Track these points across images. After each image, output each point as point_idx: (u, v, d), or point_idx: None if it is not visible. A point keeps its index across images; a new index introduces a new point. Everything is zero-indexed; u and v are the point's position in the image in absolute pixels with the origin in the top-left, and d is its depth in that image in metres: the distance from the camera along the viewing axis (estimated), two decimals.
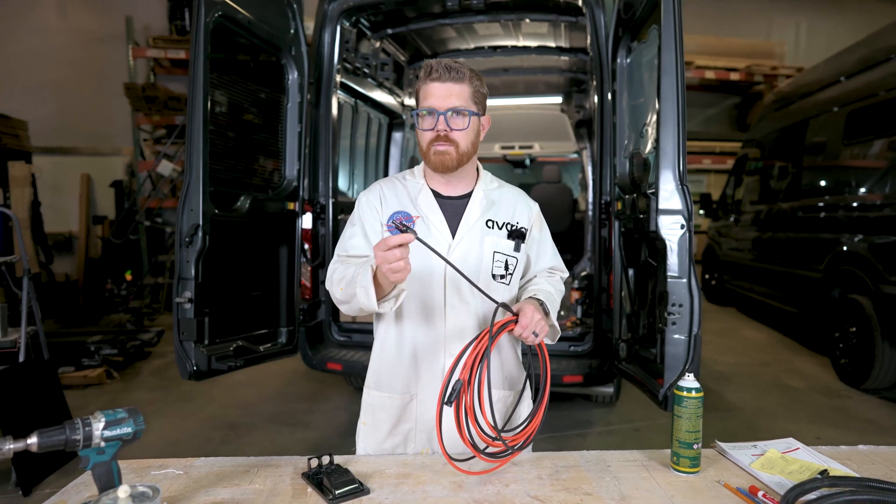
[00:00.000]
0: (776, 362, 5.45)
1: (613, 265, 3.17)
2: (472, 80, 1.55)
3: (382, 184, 1.71)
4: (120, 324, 6.68)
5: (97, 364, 4.92)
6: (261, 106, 3.41)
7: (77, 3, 8.82)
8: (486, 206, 1.64)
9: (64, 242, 8.42)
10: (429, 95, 1.53)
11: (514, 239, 1.65)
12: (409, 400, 1.63)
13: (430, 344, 1.60)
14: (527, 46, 5.19)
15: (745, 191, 7.33)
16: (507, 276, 1.63)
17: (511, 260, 1.64)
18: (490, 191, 1.68)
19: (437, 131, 1.52)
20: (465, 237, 1.61)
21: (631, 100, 3.09)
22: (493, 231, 1.63)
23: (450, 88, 1.52)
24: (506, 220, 1.66)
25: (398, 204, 1.64)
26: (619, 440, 3.68)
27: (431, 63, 1.54)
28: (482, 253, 1.61)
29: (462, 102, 1.53)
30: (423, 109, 1.54)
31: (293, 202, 3.48)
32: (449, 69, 1.52)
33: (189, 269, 2.73)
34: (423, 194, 1.64)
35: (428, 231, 1.60)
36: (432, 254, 1.50)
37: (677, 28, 2.39)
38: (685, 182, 2.41)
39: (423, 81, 1.54)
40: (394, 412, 1.64)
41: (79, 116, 8.54)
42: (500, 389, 1.65)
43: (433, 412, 1.56)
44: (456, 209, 1.64)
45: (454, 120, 1.53)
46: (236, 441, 3.73)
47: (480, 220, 1.63)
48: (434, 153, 1.54)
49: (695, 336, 2.41)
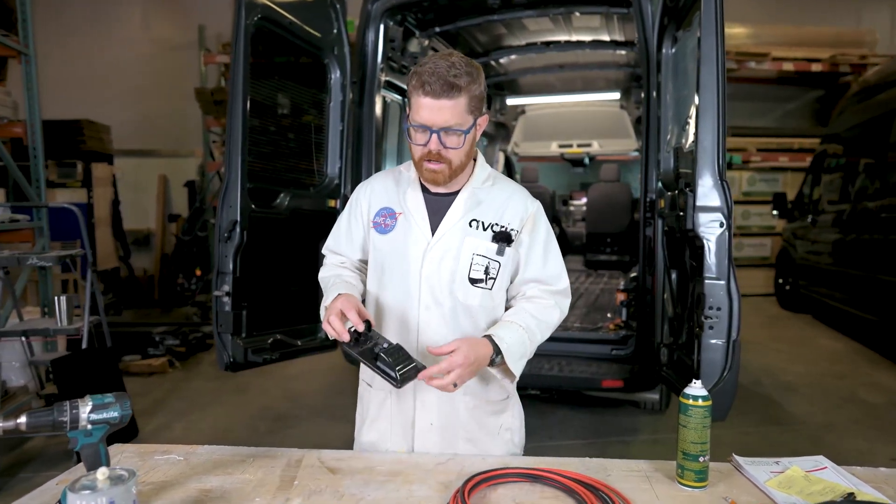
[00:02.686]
0: (853, 374, 5.04)
1: (657, 266, 3.03)
2: (469, 87, 1.42)
3: (377, 178, 1.70)
4: (187, 316, 7.04)
5: (161, 353, 5.21)
6: (303, 105, 3.49)
7: (158, 15, 9.38)
8: (472, 205, 1.56)
9: (143, 239, 8.97)
10: (422, 109, 1.42)
11: (498, 241, 1.53)
12: (384, 398, 1.60)
13: (404, 342, 1.53)
14: (580, 41, 5.04)
15: (824, 189, 6.83)
16: (486, 280, 1.53)
17: (493, 264, 1.53)
18: (480, 188, 1.58)
19: (430, 150, 1.45)
20: (445, 237, 1.54)
21: (675, 91, 2.94)
22: (476, 232, 1.54)
23: (443, 105, 1.40)
24: (492, 221, 1.55)
25: (386, 199, 1.61)
26: (664, 450, 3.48)
27: (424, 75, 1.40)
28: (460, 254, 1.52)
29: (457, 120, 1.42)
30: (414, 125, 1.45)
31: (334, 200, 3.54)
32: (444, 86, 1.39)
33: (227, 264, 2.83)
34: (411, 189, 1.60)
35: (409, 228, 1.56)
36: (410, 252, 1.53)
37: (718, 12, 2.25)
38: (724, 177, 2.26)
39: (416, 92, 1.42)
40: (372, 407, 1.63)
41: (157, 120, 9.08)
42: (472, 397, 1.57)
43: (408, 414, 1.57)
44: (442, 206, 1.57)
45: (448, 138, 1.44)
46: (281, 432, 3.83)
47: (463, 219, 1.54)
48: (426, 170, 1.49)
49: (733, 342, 2.26)
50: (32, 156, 4.24)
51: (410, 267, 1.55)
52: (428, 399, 1.56)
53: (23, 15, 4.16)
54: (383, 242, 1.59)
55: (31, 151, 4.24)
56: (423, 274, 1.54)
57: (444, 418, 1.56)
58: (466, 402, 1.58)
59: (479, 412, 1.59)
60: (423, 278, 1.54)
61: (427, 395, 1.55)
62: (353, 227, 1.67)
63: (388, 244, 1.58)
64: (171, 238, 8.74)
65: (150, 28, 9.37)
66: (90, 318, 3.58)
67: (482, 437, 1.58)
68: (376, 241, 1.60)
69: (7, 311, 3.63)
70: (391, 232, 1.58)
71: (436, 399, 1.55)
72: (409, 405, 1.57)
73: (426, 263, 1.54)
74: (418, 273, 1.54)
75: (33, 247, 4.19)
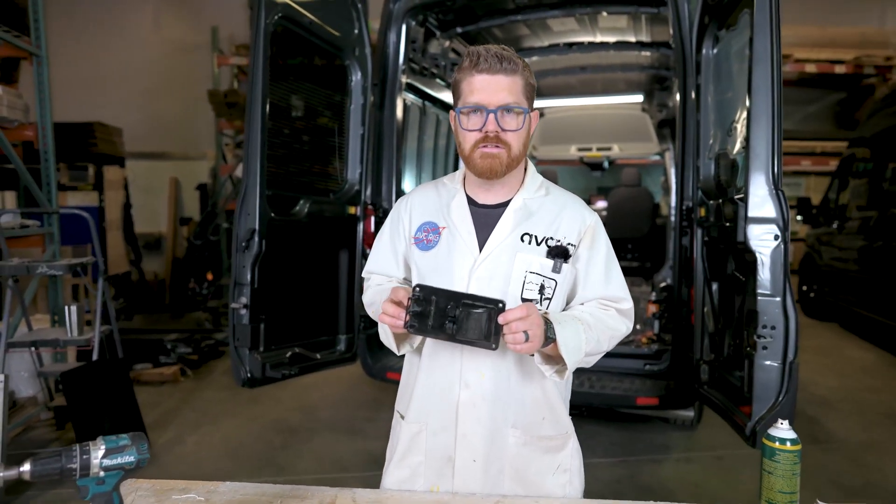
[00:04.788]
0: (888, 388, 4.85)
1: (696, 278, 2.87)
2: (524, 71, 1.35)
3: (417, 191, 1.56)
4: (199, 322, 6.93)
5: (173, 362, 5.09)
6: (323, 108, 3.36)
7: (169, 16, 9.31)
8: (523, 217, 1.41)
9: (154, 243, 8.89)
10: (476, 90, 1.32)
11: (554, 257, 1.38)
12: (419, 430, 1.45)
13: (445, 372, 1.41)
14: (605, 42, 4.89)
15: (852, 195, 6.62)
16: (541, 301, 1.38)
17: (548, 282, 1.38)
18: (532, 198, 1.44)
19: (487, 132, 1.32)
20: (494, 253, 1.39)
21: (717, 94, 2.78)
22: (530, 247, 1.39)
23: (500, 82, 1.31)
24: (546, 234, 1.40)
25: (427, 213, 1.47)
26: (699, 470, 3.35)
27: (479, 50, 1.33)
28: (511, 272, 1.37)
29: (515, 98, 1.33)
30: (467, 106, 1.34)
31: (354, 206, 3.41)
32: (500, 59, 1.31)
33: (245, 275, 2.70)
34: (455, 201, 1.45)
35: (454, 243, 1.41)
36: (455, 270, 1.39)
37: (773, 9, 2.09)
38: (780, 186, 2.10)
39: (468, 72, 1.34)
40: (403, 441, 1.47)
41: (168, 123, 9.00)
42: (522, 431, 1.41)
43: (445, 445, 1.41)
44: (490, 219, 1.42)
45: (506, 119, 1.32)
46: (296, 447, 3.70)
47: (514, 232, 1.40)
48: (481, 156, 1.34)
49: (790, 364, 2.10)
50: (43, 159, 4.14)
51: (455, 286, 1.39)
52: (470, 432, 1.40)
53: (35, 16, 4.05)
54: (425, 260, 1.45)
55: (42, 154, 4.14)
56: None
57: (488, 453, 1.40)
58: (516, 437, 1.41)
59: (529, 449, 1.42)
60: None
61: (469, 428, 1.40)
62: (396, 245, 1.53)
63: (431, 262, 1.44)
64: (182, 242, 8.64)
65: (162, 29, 9.30)
66: (101, 328, 3.46)
67: (533, 478, 1.42)
68: (417, 258, 1.46)
69: (17, 320, 3.51)
70: (434, 248, 1.44)
71: (480, 431, 1.40)
72: (448, 438, 1.41)
73: (473, 282, 1.38)
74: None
75: (43, 253, 4.08)
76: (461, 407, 1.39)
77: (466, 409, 1.39)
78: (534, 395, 1.43)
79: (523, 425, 1.41)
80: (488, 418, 1.39)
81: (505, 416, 1.40)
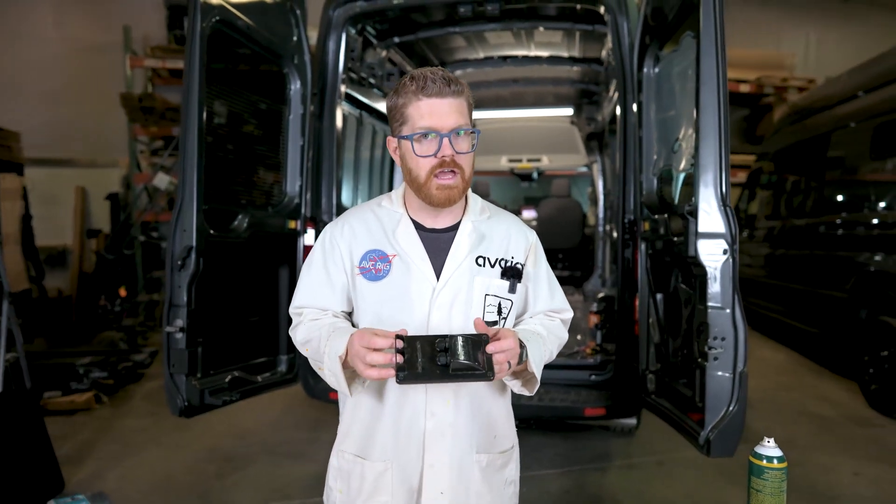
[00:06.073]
0: (800, 387, 5.20)
1: (640, 290, 2.94)
2: (466, 90, 1.34)
3: (351, 215, 1.46)
4: (112, 342, 6.43)
5: (86, 388, 4.67)
6: (261, 117, 3.20)
7: (73, 13, 8.64)
8: (475, 241, 1.40)
9: (57, 256, 8.19)
10: (425, 114, 1.28)
11: (508, 278, 1.40)
12: (384, 469, 1.38)
13: (410, 403, 1.36)
14: (538, 56, 4.99)
15: (760, 205, 7.11)
16: (500, 321, 1.40)
17: (505, 303, 1.40)
18: (480, 221, 1.43)
19: (444, 157, 1.29)
20: (452, 278, 1.36)
21: (660, 112, 2.88)
22: (485, 269, 1.39)
23: (450, 104, 1.29)
24: (499, 256, 1.41)
25: (370, 241, 1.40)
26: (642, 476, 3.43)
27: (424, 74, 1.29)
28: (471, 297, 1.37)
29: (465, 120, 1.31)
30: (418, 132, 1.29)
31: (294, 220, 3.26)
32: (448, 81, 1.29)
33: (181, 295, 2.51)
34: (402, 227, 1.40)
35: (408, 272, 1.36)
36: (414, 299, 1.35)
37: (719, 32, 2.18)
38: (728, 202, 2.19)
39: (414, 96, 1.29)
40: (367, 482, 1.39)
41: (74, 127, 8.35)
42: (485, 454, 1.42)
43: (413, 482, 1.36)
44: (440, 245, 1.39)
45: (459, 142, 1.30)
46: (233, 476, 3.47)
47: (469, 256, 1.38)
48: (438, 188, 1.30)
49: (740, 373, 2.19)
50: None
51: (415, 316, 1.35)
52: (438, 462, 1.36)
53: None
54: (376, 291, 1.37)
55: None
56: (430, 323, 1.36)
57: (455, 483, 1.37)
58: (480, 461, 1.41)
59: (490, 469, 1.43)
60: (432, 329, 1.35)
61: (436, 457, 1.36)
62: (332, 276, 1.41)
63: (384, 293, 1.37)
64: (91, 256, 8.01)
65: (65, 27, 8.62)
66: (6, 356, 3.11)
67: (492, 499, 1.43)
68: (365, 290, 1.38)
69: None
70: (386, 278, 1.37)
71: (447, 460, 1.36)
72: (414, 471, 1.37)
73: (434, 311, 1.35)
74: (425, 323, 1.36)
75: None
76: (428, 437, 1.36)
77: (433, 439, 1.36)
78: (492, 412, 1.44)
79: (485, 446, 1.42)
80: (455, 446, 1.37)
81: (469, 442, 1.39)
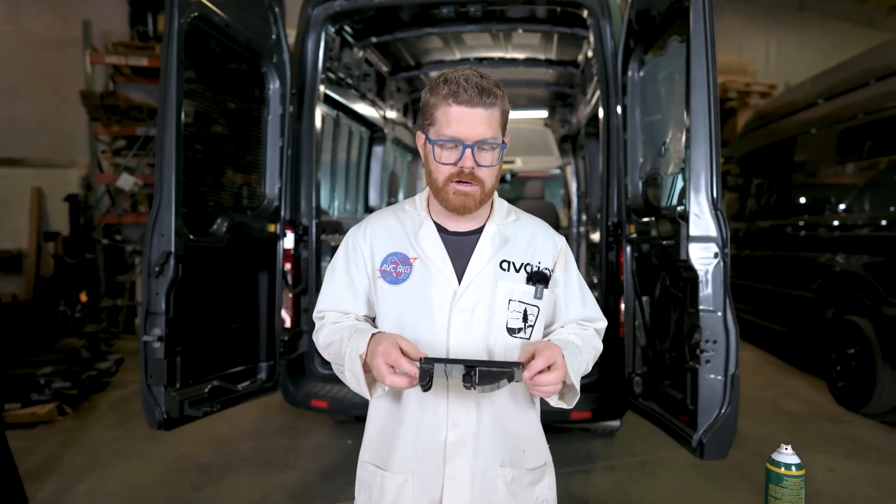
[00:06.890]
0: (770, 385, 5.33)
1: (626, 293, 2.95)
2: (503, 100, 1.30)
3: (374, 219, 1.44)
4: (74, 350, 6.16)
5: (47, 399, 4.46)
6: (239, 118, 3.10)
7: (29, 6, 8.27)
8: (499, 244, 1.37)
9: (11, 260, 7.82)
10: (453, 122, 1.25)
11: (534, 283, 1.37)
12: (405, 481, 1.35)
13: (431, 413, 1.33)
14: (515, 58, 4.99)
15: (727, 207, 7.27)
16: (525, 329, 1.36)
17: (531, 309, 1.36)
18: (505, 224, 1.41)
19: (463, 168, 1.27)
20: (474, 283, 1.34)
21: (645, 116, 2.89)
22: (509, 274, 1.36)
23: (479, 115, 1.25)
24: (524, 261, 1.38)
25: (392, 244, 1.38)
26: (626, 477, 3.45)
27: (458, 79, 1.25)
28: (494, 302, 1.34)
29: (493, 132, 1.27)
30: (443, 139, 1.26)
31: (274, 224, 3.17)
32: (481, 91, 1.24)
33: (159, 303, 2.40)
34: (424, 229, 1.38)
35: (429, 276, 1.34)
36: (434, 303, 1.32)
37: (709, 37, 2.19)
38: (719, 206, 2.20)
39: (446, 101, 1.26)
40: (388, 493, 1.36)
41: (29, 126, 7.99)
42: (510, 468, 1.39)
43: (434, 494, 1.33)
44: (464, 248, 1.36)
45: (482, 155, 1.27)
46: (210, 487, 3.35)
47: (493, 260, 1.36)
48: (454, 193, 1.29)
49: (732, 376, 2.20)
50: None
51: (436, 321, 1.33)
52: (460, 473, 1.33)
53: None
54: (398, 295, 1.35)
55: None
56: (451, 329, 1.32)
57: (477, 496, 1.34)
58: (505, 475, 1.37)
59: (517, 485, 1.38)
60: (453, 333, 1.32)
61: (458, 468, 1.32)
62: (355, 279, 1.40)
63: (405, 296, 1.35)
64: (48, 259, 7.69)
65: (20, 20, 8.25)
66: None
67: None
68: (387, 293, 1.36)
69: None
70: (406, 281, 1.35)
71: (469, 471, 1.33)
72: (435, 483, 1.33)
73: (455, 315, 1.32)
74: (445, 328, 1.32)
75: None
76: (449, 448, 1.33)
77: (455, 450, 1.33)
78: (517, 426, 1.40)
79: (511, 461, 1.38)
80: (477, 457, 1.33)
81: (493, 454, 1.35)
